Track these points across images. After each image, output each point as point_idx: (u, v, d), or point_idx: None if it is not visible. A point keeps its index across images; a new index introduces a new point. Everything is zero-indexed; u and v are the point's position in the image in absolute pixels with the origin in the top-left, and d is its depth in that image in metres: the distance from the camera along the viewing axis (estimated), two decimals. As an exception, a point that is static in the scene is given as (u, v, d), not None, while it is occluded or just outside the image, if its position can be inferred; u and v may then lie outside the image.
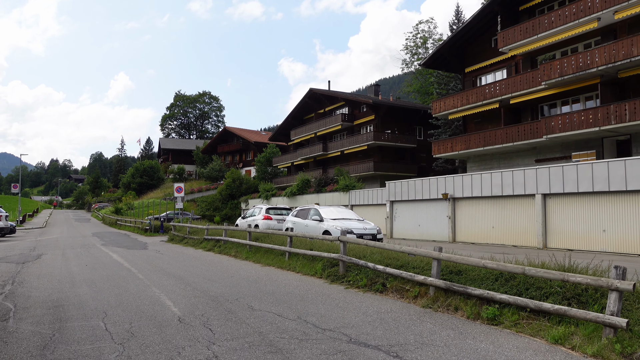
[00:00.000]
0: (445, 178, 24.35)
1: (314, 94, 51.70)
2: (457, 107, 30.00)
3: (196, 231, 19.78)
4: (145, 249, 18.10)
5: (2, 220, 23.59)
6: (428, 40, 63.20)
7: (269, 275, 10.23)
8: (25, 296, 8.26)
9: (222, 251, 15.21)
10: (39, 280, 10.12)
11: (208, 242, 17.16)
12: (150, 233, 28.49)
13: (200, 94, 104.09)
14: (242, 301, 7.44)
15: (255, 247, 13.44)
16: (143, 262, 13.37)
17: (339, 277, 8.95)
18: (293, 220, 17.88)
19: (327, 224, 15.70)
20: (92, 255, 15.67)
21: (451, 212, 23.68)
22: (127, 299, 7.77)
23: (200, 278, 10.08)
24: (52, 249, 18.71)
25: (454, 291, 6.50)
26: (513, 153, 27.99)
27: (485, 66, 30.35)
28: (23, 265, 13.03)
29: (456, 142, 30.11)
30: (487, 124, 30.14)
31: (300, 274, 10.16)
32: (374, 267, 7.99)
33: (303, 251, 10.58)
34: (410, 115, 44.83)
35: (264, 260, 12.20)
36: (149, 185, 73.35)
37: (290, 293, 8.06)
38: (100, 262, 13.70)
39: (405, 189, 26.89)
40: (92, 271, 11.54)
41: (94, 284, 9.53)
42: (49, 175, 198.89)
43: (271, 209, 21.17)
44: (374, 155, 42.95)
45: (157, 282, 9.67)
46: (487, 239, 21.74)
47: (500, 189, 21.18)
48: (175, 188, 28.39)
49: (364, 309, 6.78)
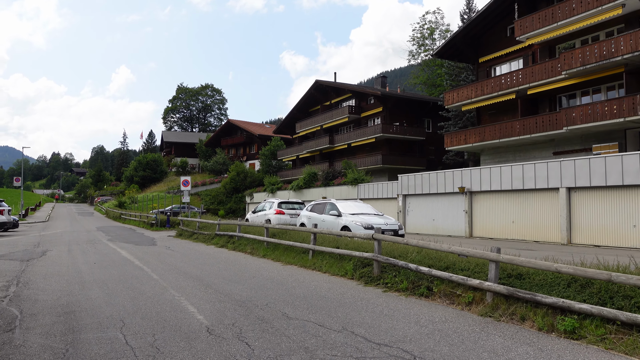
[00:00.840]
0: (461, 171, 23.55)
1: (320, 86, 50.77)
2: (471, 98, 29.12)
3: (206, 226, 19.01)
4: (154, 244, 17.36)
5: (5, 215, 22.87)
6: (435, 31, 62.25)
7: (293, 276, 9.47)
8: (31, 300, 7.52)
9: (236, 248, 14.44)
10: (45, 281, 9.39)
11: (220, 237, 16.40)
12: (156, 228, 27.76)
13: (202, 86, 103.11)
14: (274, 307, 6.69)
15: (274, 244, 12.67)
16: (154, 260, 12.62)
17: (374, 278, 8.19)
18: (308, 215, 17.12)
19: (346, 219, 14.94)
20: (100, 252, 14.94)
21: (468, 206, 22.90)
22: (144, 304, 7.03)
23: (220, 279, 9.32)
24: (57, 244, 17.99)
25: (518, 298, 5.74)
26: (529, 145, 27.15)
27: (500, 56, 29.43)
28: (27, 263, 12.30)
29: (470, 134, 29.26)
30: (502, 116, 29.28)
31: (327, 275, 9.40)
32: (417, 269, 7.23)
33: (329, 249, 9.80)
34: (419, 107, 43.94)
35: (285, 259, 11.44)
36: (152, 178, 72.64)
37: (324, 297, 7.30)
38: (109, 259, 12.96)
39: (419, 182, 26.10)
40: (101, 270, 10.80)
41: (105, 285, 8.79)
42: (50, 168, 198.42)
43: (283, 203, 20.40)
44: (382, 148, 42.13)
45: (173, 283, 8.92)
46: (507, 235, 20.98)
47: (521, 183, 20.38)
48: (181, 181, 27.61)
49: (414, 317, 6.02)
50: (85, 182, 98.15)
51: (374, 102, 44.62)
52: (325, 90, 50.92)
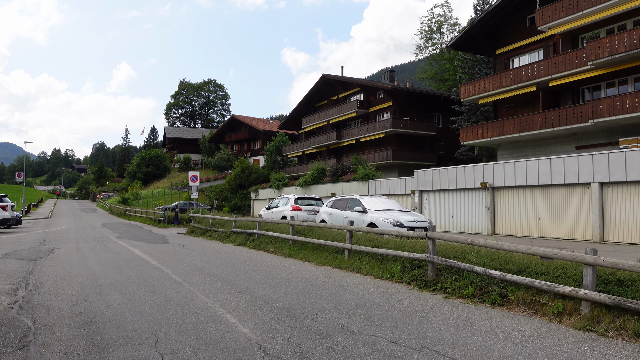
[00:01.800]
0: (483, 166, 22.62)
1: (327, 80, 49.82)
2: (489, 90, 28.16)
3: (220, 223, 18.06)
4: (166, 242, 16.45)
5: (8, 211, 21.95)
6: (443, 25, 61.23)
7: (332, 278, 8.55)
8: (45, 307, 6.61)
9: (257, 246, 13.51)
10: (57, 283, 8.49)
11: (237, 235, 15.46)
12: (164, 224, 26.86)
13: (205, 82, 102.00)
14: (327, 317, 5.78)
15: (300, 243, 11.73)
16: (172, 259, 11.71)
17: (428, 282, 7.27)
18: (329, 212, 16.21)
19: (372, 216, 14.03)
20: (111, 251, 14.03)
21: (490, 202, 21.98)
22: (175, 313, 6.12)
23: (251, 281, 8.41)
24: (63, 242, 17.09)
25: (626, 309, 4.84)
26: (550, 139, 26.22)
27: (519, 47, 28.44)
28: (35, 262, 11.40)
29: (487, 128, 28.31)
30: (521, 109, 28.32)
31: (369, 277, 8.48)
32: (485, 273, 6.31)
33: (369, 249, 8.87)
34: (429, 102, 42.97)
35: (315, 259, 10.52)
36: (155, 174, 71.75)
37: (379, 305, 6.38)
38: (123, 258, 12.06)
39: (437, 178, 25.17)
40: (117, 271, 9.89)
41: (125, 289, 7.88)
42: (51, 165, 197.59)
43: (300, 199, 19.48)
44: (392, 143, 41.20)
45: (200, 286, 8.01)
46: (532, 232, 20.07)
47: (548, 177, 19.45)
48: (190, 177, 26.70)
49: (500, 331, 5.11)
50: (87, 179, 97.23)
51: (383, 96, 43.66)
52: (332, 85, 49.96)
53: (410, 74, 74.79)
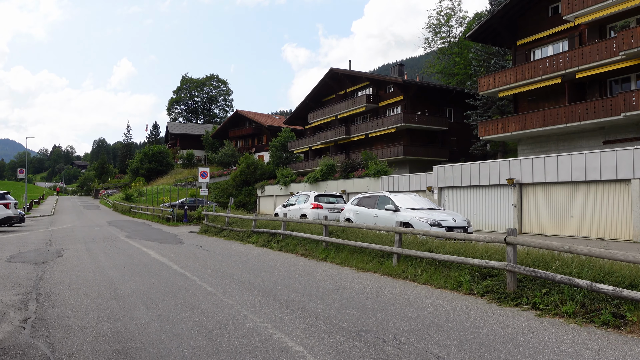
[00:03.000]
0: (509, 161, 21.56)
1: (335, 74, 48.70)
2: (510, 83, 27.06)
3: (237, 222, 16.96)
4: (181, 243, 15.39)
5: (11, 209, 20.89)
6: (452, 18, 60.10)
7: (386, 288, 7.47)
8: (62, 326, 5.58)
9: (283, 248, 12.45)
10: (72, 294, 7.45)
11: (259, 235, 14.38)
12: (173, 222, 25.80)
13: (207, 77, 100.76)
14: (410, 344, 4.73)
15: (335, 245, 10.65)
16: (194, 263, 10.66)
17: (509, 295, 6.21)
18: (355, 210, 15.17)
19: (406, 215, 12.98)
20: (124, 252, 12.99)
21: (517, 199, 20.93)
22: (221, 336, 5.08)
23: (294, 292, 7.36)
24: (71, 242, 16.05)
25: None
26: (575, 134, 25.15)
27: (542, 38, 27.31)
28: (44, 267, 10.37)
29: (508, 122, 27.22)
30: (543, 102, 27.24)
31: (429, 287, 7.42)
32: (591, 287, 5.25)
33: (426, 254, 7.79)
34: (441, 96, 41.87)
35: (356, 263, 9.46)
36: (158, 171, 70.65)
37: (464, 326, 5.33)
38: (139, 262, 11.01)
39: (458, 174, 24.12)
40: (137, 278, 8.85)
41: (152, 301, 6.84)
42: (51, 161, 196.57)
43: (320, 196, 18.43)
44: (403, 139, 40.12)
45: (237, 298, 6.97)
46: (564, 231, 19.03)
47: (582, 173, 18.40)
48: (199, 173, 25.62)
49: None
50: (89, 175, 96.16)
51: (393, 90, 42.54)
52: (340, 79, 48.84)
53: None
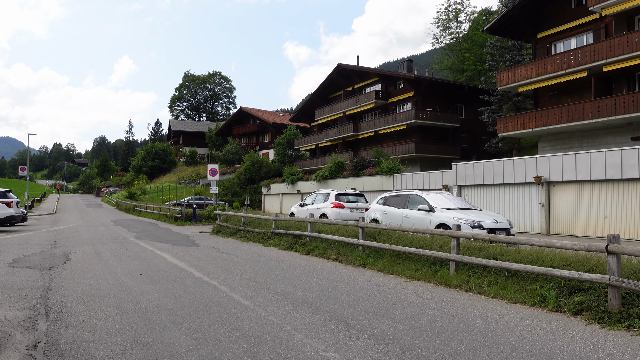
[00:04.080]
0: (536, 158, 20.53)
1: (343, 70, 47.64)
2: (531, 77, 26.01)
3: (254, 222, 15.87)
4: (196, 245, 14.35)
5: (13, 207, 19.86)
6: (460, 13, 59.04)
7: (452, 303, 6.35)
8: (82, 355, 4.56)
9: (311, 252, 11.38)
10: (87, 308, 6.43)
11: (280, 237, 13.32)
12: (181, 222, 24.77)
13: (210, 74, 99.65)
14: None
15: (374, 249, 9.61)
16: (217, 270, 9.63)
17: (612, 315, 5.19)
18: (382, 210, 14.15)
19: (442, 216, 11.96)
20: (137, 256, 11.96)
21: (545, 198, 19.91)
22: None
23: (345, 307, 6.33)
24: (77, 243, 15.03)
25: None
26: (601, 130, 24.11)
27: (564, 30, 26.26)
28: (51, 273, 9.36)
29: (529, 118, 26.19)
30: (566, 97, 26.20)
31: (502, 301, 6.36)
32: None
33: (495, 263, 6.69)
34: (452, 92, 40.81)
35: (401, 271, 8.42)
36: (161, 168, 69.67)
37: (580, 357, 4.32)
38: (156, 267, 9.99)
39: (479, 172, 23.09)
40: (158, 287, 7.83)
41: (182, 319, 5.82)
42: (52, 159, 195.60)
43: (341, 195, 17.40)
44: (414, 136, 39.11)
45: (283, 315, 5.94)
46: (597, 231, 18.01)
47: (618, 171, 17.37)
48: (209, 170, 24.58)
49: None
50: (90, 173, 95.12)
51: (403, 86, 41.50)
52: (348, 75, 47.79)
53: (431, 62, 72.16)
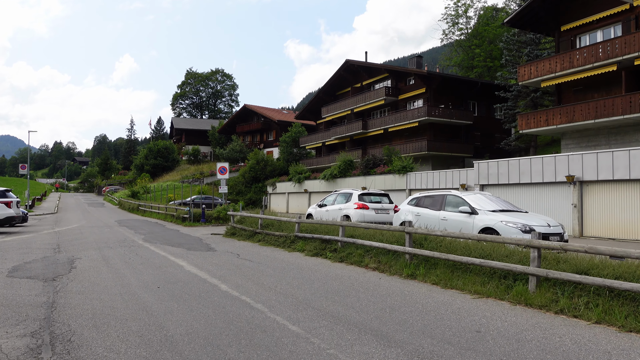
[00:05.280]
0: (568, 156, 19.37)
1: (351, 66, 46.45)
2: (556, 71, 24.83)
3: (272, 224, 14.69)
4: (212, 250, 13.16)
5: (13, 207, 18.65)
6: (470, 9, 57.93)
7: (553, 332, 5.12)
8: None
9: (344, 259, 10.11)
10: (101, 335, 5.27)
11: (305, 242, 12.09)
12: (189, 223, 23.60)
13: (212, 71, 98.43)
14: None
15: (422, 258, 8.42)
16: (245, 281, 8.43)
17: None
18: (415, 212, 12.98)
19: (486, 219, 10.80)
20: (149, 263, 10.79)
21: (577, 199, 18.75)
22: None
23: (421, 335, 5.12)
24: (82, 247, 13.86)
25: None
26: (631, 127, 22.93)
27: (590, 22, 25.05)
28: (55, 285, 8.20)
29: (553, 114, 25.00)
30: (592, 93, 25.00)
31: (613, 329, 5.12)
32: None
33: (596, 281, 5.54)
34: (465, 89, 39.60)
35: (463, 285, 7.18)
36: (164, 167, 68.49)
37: None
38: (174, 278, 8.82)
39: (504, 170, 21.93)
40: (180, 305, 6.65)
41: (222, 353, 4.64)
42: (52, 157, 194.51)
43: (364, 195, 16.21)
44: (425, 133, 37.92)
45: (347, 348, 4.74)
46: (636, 234, 16.86)
47: (661, 170, 16.23)
48: (218, 168, 23.45)
49: None
50: (92, 171, 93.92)
51: (414, 82, 40.29)
52: (356, 71, 46.60)
53: (439, 59, 70.91)
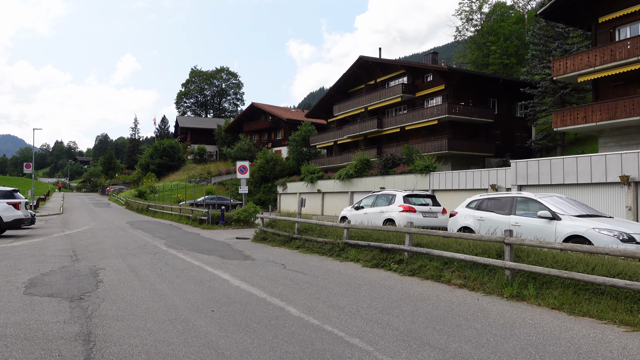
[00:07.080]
0: (620, 155, 17.95)
1: (365, 63, 45.05)
2: (594, 65, 23.41)
3: (312, 228, 13.14)
4: (249, 258, 11.65)
5: (22, 209, 17.16)
6: (484, 5, 56.58)
7: None
8: None
9: (415, 272, 8.57)
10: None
11: (359, 250, 10.55)
12: (207, 225, 22.16)
13: (217, 69, 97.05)
14: None
15: (528, 274, 6.95)
16: (316, 302, 6.93)
17: None
18: (477, 216, 11.54)
19: (572, 225, 9.37)
20: (185, 274, 9.33)
21: (632, 201, 17.32)
22: None
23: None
24: (102, 255, 12.42)
25: None
26: (678, 124, 21.54)
27: (632, 13, 23.61)
28: (84, 305, 6.75)
29: (592, 110, 23.58)
30: (634, 88, 23.58)
31: None
32: None
33: None
34: (485, 86, 38.17)
35: (598, 312, 5.60)
36: (170, 166, 67.08)
37: None
38: (225, 297, 7.35)
39: (545, 170, 20.50)
40: (254, 339, 5.21)
41: None
42: (54, 157, 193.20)
43: (410, 197, 14.76)
44: (445, 132, 36.52)
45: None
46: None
47: None
48: (237, 167, 22.07)
49: None
50: (95, 171, 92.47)
51: (432, 79, 38.88)
52: (370, 68, 45.22)
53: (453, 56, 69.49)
